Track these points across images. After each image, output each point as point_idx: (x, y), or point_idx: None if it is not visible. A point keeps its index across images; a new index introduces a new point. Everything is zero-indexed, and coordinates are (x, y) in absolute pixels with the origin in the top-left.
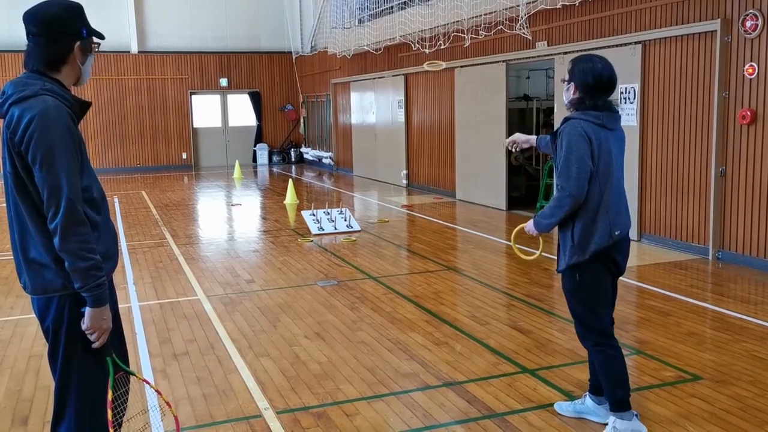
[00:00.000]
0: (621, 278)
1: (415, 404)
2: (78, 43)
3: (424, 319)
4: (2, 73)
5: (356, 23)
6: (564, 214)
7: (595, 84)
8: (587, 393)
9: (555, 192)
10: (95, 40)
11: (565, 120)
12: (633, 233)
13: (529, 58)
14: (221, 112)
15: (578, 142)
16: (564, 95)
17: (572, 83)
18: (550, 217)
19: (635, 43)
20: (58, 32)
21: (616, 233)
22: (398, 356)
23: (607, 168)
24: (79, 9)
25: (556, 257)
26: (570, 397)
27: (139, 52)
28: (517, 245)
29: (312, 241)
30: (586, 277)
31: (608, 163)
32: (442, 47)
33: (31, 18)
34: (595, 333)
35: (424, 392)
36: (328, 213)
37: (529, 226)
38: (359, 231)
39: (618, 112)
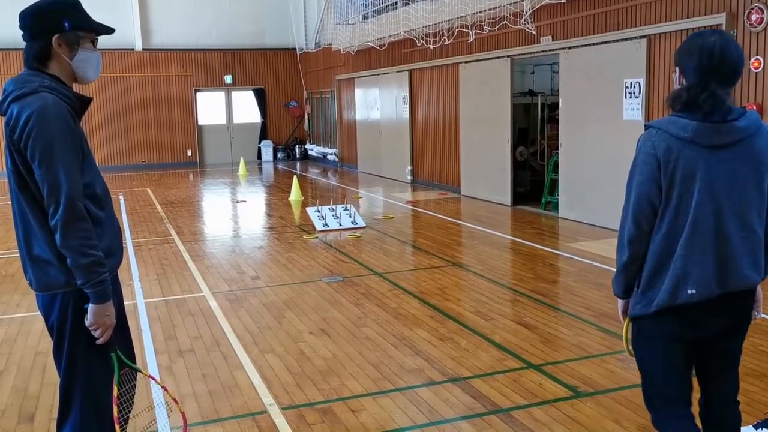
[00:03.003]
0: None
1: (420, 400)
2: (56, 37)
3: (428, 315)
4: (8, 71)
5: (360, 19)
6: (625, 266)
7: (701, 62)
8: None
9: None
10: (87, 34)
11: (646, 128)
12: None
13: (533, 53)
14: (226, 109)
15: (642, 164)
16: None
17: (677, 68)
18: (616, 277)
19: (640, 37)
20: (36, 27)
21: (688, 292)
22: (403, 352)
23: (683, 200)
24: (64, 3)
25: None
26: (575, 392)
27: (143, 49)
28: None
29: (317, 237)
30: (645, 336)
31: (686, 193)
32: (446, 43)
33: (19, 14)
34: (649, 405)
35: (429, 388)
36: (333, 209)
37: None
38: (364, 227)
39: (733, 119)
